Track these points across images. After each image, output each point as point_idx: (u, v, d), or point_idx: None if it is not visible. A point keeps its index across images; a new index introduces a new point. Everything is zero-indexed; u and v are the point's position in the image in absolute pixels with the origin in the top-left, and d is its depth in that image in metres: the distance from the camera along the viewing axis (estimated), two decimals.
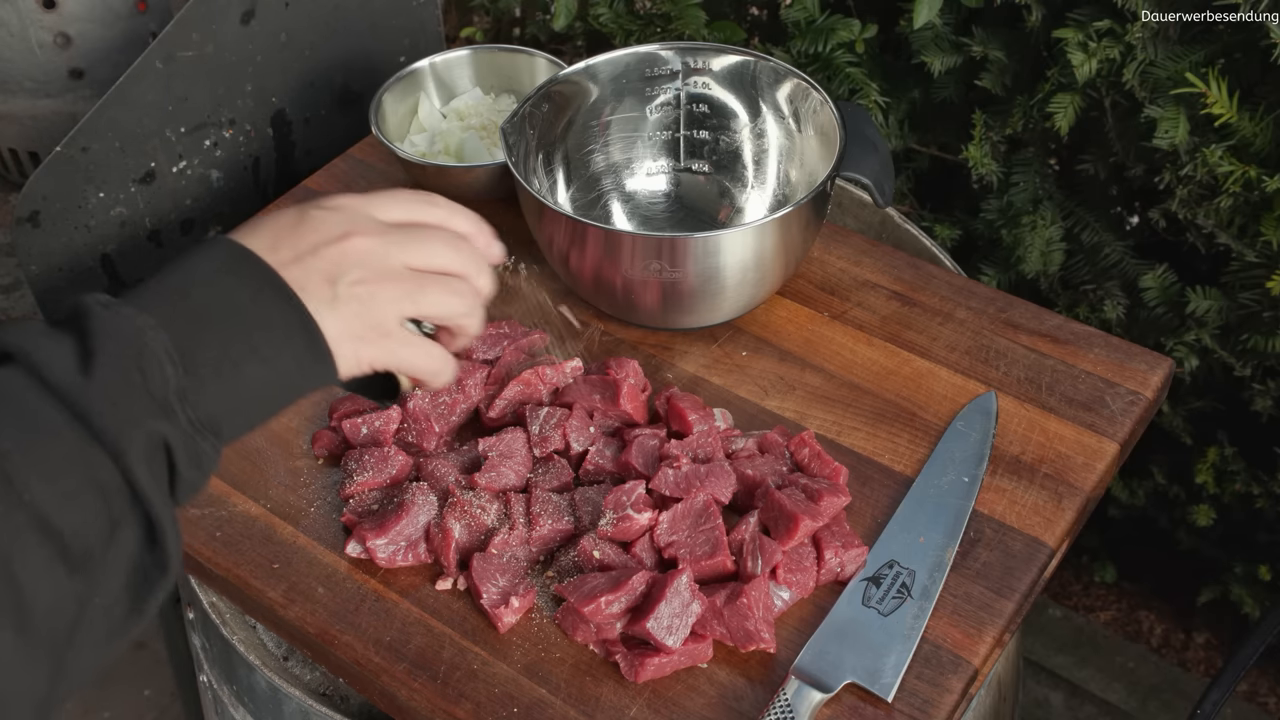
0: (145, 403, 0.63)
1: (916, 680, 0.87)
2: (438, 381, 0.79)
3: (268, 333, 0.68)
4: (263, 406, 0.70)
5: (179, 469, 0.65)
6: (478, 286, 0.79)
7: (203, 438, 0.65)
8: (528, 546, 0.94)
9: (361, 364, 0.73)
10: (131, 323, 0.64)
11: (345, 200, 0.76)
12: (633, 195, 1.23)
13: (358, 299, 0.72)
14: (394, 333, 0.74)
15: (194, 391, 0.65)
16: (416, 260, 0.75)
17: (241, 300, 0.68)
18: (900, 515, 0.96)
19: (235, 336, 0.67)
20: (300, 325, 0.69)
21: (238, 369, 0.67)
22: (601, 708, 0.87)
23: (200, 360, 0.66)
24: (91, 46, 1.41)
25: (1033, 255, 1.42)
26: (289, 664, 1.02)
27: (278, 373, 0.69)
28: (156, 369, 0.64)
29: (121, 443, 0.61)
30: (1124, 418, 1.03)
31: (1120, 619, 1.84)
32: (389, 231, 0.75)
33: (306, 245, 0.72)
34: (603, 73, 1.17)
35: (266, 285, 0.69)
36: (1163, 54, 1.25)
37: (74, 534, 0.59)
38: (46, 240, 1.21)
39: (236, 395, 0.67)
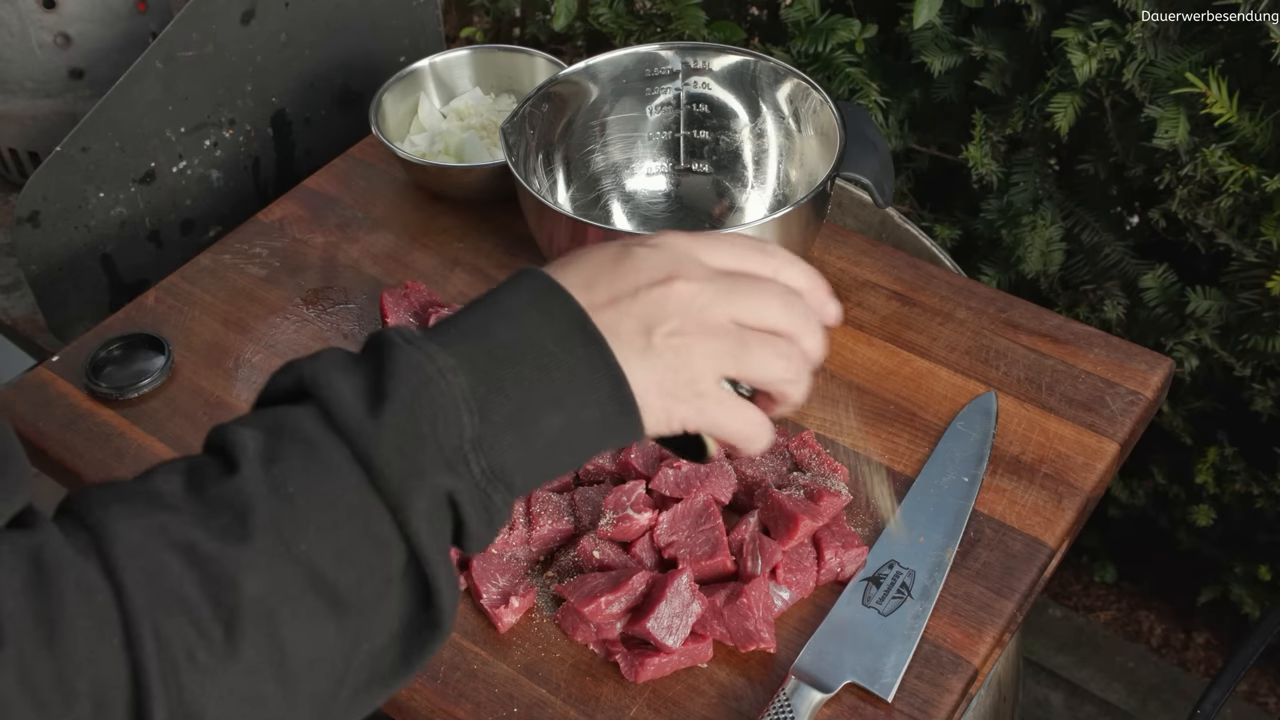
0: (433, 455, 0.59)
1: (916, 680, 0.87)
2: (752, 449, 0.71)
3: (571, 380, 0.63)
4: (560, 458, 0.64)
5: (466, 524, 0.61)
6: (806, 349, 0.71)
7: (494, 490, 0.61)
8: (528, 546, 0.94)
9: (672, 423, 0.67)
10: (432, 364, 0.60)
11: (672, 239, 0.69)
12: (633, 195, 1.23)
13: (674, 351, 0.65)
14: (709, 391, 0.67)
15: (489, 440, 0.61)
16: (744, 314, 0.68)
17: (546, 342, 0.63)
18: (900, 515, 0.96)
19: (537, 383, 0.62)
20: (607, 375, 0.63)
21: (536, 418, 0.62)
22: (601, 708, 0.87)
23: (496, 406, 0.61)
24: (91, 46, 1.41)
25: (1033, 255, 1.42)
26: None
27: (579, 424, 0.63)
28: (452, 417, 0.60)
29: (403, 497, 0.58)
30: (1124, 418, 1.03)
31: (1120, 619, 1.84)
32: (716, 279, 0.68)
33: (625, 286, 0.66)
34: (603, 73, 1.17)
35: (575, 327, 0.64)
36: (1163, 54, 1.25)
37: (347, 589, 0.57)
38: (46, 240, 1.21)
39: (533, 445, 0.62)
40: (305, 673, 0.56)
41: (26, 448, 1.06)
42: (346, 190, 1.28)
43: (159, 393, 1.09)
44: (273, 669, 0.55)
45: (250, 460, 0.57)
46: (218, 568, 0.55)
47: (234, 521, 0.56)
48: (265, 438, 0.58)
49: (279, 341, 1.13)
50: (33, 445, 1.06)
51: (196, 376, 1.10)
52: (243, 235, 1.23)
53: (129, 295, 1.27)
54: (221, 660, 0.54)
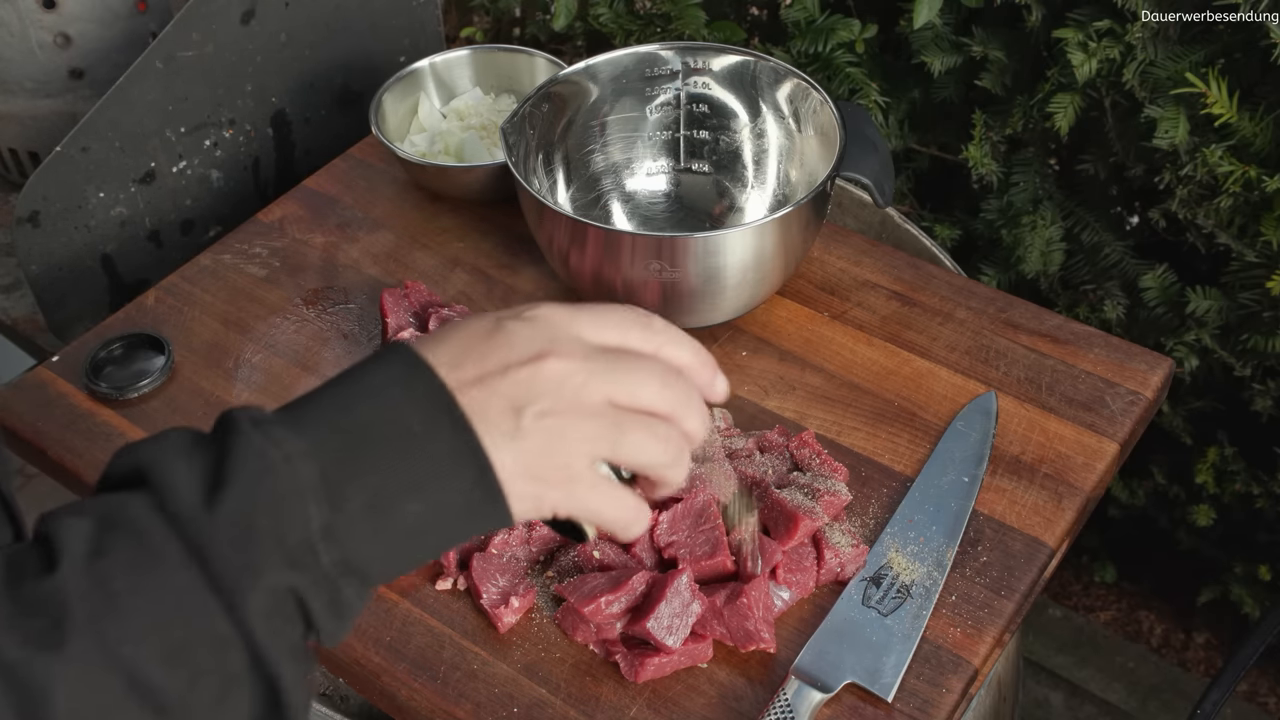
0: (272, 549, 0.56)
1: (916, 680, 0.87)
2: (627, 535, 0.67)
3: (434, 464, 0.59)
4: (421, 546, 0.61)
5: (315, 621, 0.57)
6: (687, 430, 0.67)
7: (346, 582, 0.58)
8: (528, 546, 0.94)
9: (542, 509, 0.64)
10: (278, 450, 0.57)
11: (550, 312, 0.65)
12: (633, 195, 1.23)
13: (544, 433, 0.62)
14: (582, 476, 0.64)
15: (341, 531, 0.57)
16: (620, 394, 0.64)
17: (410, 423, 0.60)
18: (900, 515, 0.96)
19: (396, 469, 0.59)
20: (472, 459, 0.60)
21: (394, 506, 0.59)
22: (601, 708, 0.87)
23: (351, 495, 0.58)
24: (91, 46, 1.41)
25: (1033, 255, 1.42)
26: None
27: (440, 512, 0.60)
28: (296, 508, 0.56)
29: (238, 594, 0.55)
30: (1124, 418, 1.03)
31: (1120, 619, 1.84)
32: (592, 357, 0.64)
33: (494, 364, 0.62)
34: (603, 73, 1.17)
35: (440, 409, 0.60)
36: (1163, 54, 1.25)
37: (177, 693, 0.54)
38: (46, 240, 1.21)
39: (389, 536, 0.59)
40: None
41: (26, 448, 1.07)
42: (346, 190, 1.28)
43: (159, 393, 1.09)
44: None
45: (73, 556, 0.54)
46: (27, 678, 0.51)
47: (48, 624, 0.52)
48: (93, 529, 0.55)
49: (279, 341, 1.13)
50: (33, 445, 1.06)
51: (196, 376, 1.10)
52: (243, 235, 1.23)
53: (129, 295, 1.27)
54: None
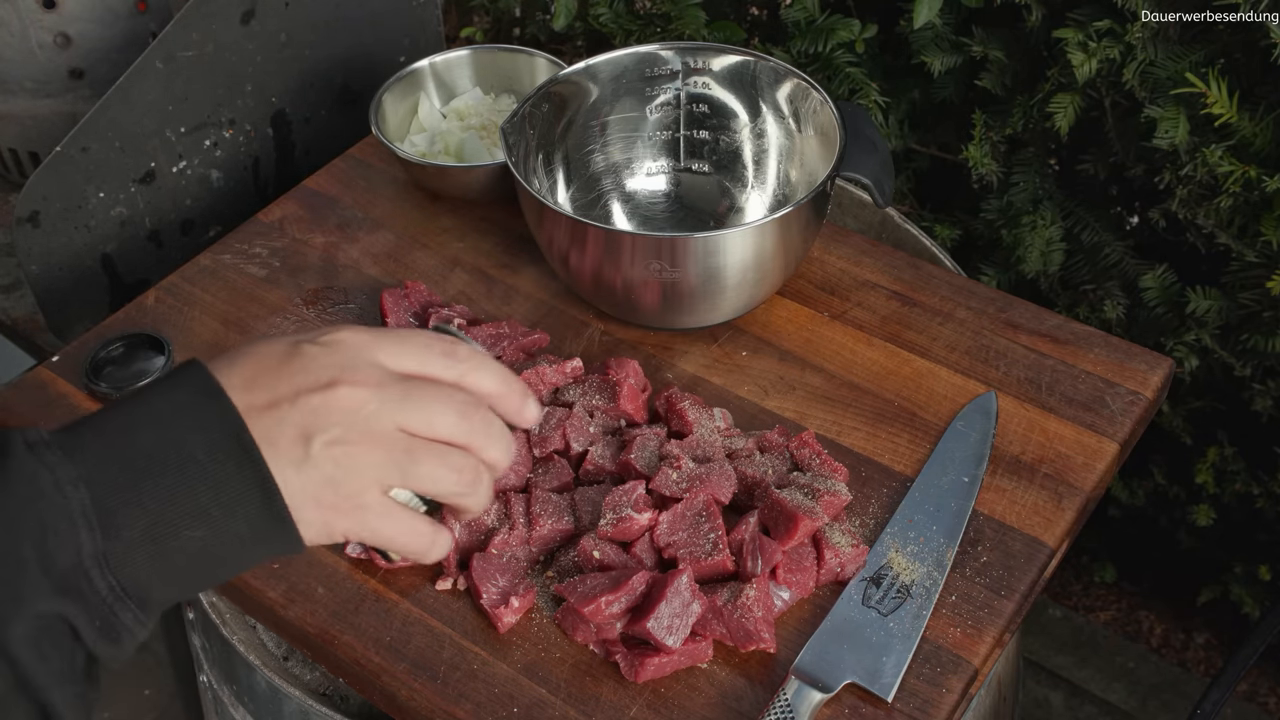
0: (36, 579, 0.55)
1: (916, 680, 0.87)
2: (425, 560, 0.68)
3: (217, 492, 0.59)
4: (204, 573, 0.61)
5: (91, 648, 0.57)
6: (487, 459, 0.67)
7: (123, 608, 0.58)
8: (528, 546, 0.94)
9: (332, 535, 0.64)
10: (50, 475, 0.56)
11: (349, 336, 0.65)
12: (633, 195, 1.23)
13: (333, 461, 0.62)
14: (372, 504, 0.64)
15: (117, 558, 0.57)
16: (413, 423, 0.64)
17: (195, 450, 0.59)
18: (900, 515, 0.96)
19: (177, 494, 0.58)
20: (258, 488, 0.60)
21: (176, 532, 0.58)
22: (601, 708, 0.87)
23: (128, 522, 0.57)
24: (91, 46, 1.41)
25: (1033, 255, 1.42)
26: (289, 664, 1.02)
27: (226, 539, 0.60)
28: (64, 536, 0.56)
29: (1, 623, 0.54)
30: (1124, 418, 1.03)
31: (1120, 619, 1.84)
32: (387, 384, 0.64)
33: (287, 389, 0.62)
34: (603, 73, 1.17)
35: (227, 435, 0.60)
36: (1163, 54, 1.25)
37: None
38: (46, 240, 1.21)
39: (170, 561, 0.59)
40: None
41: None
42: (346, 190, 1.28)
43: None
44: None
45: None
46: None
47: None
48: None
49: None
50: None
51: None
52: (243, 235, 1.23)
53: (129, 295, 1.27)
54: None
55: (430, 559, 0.68)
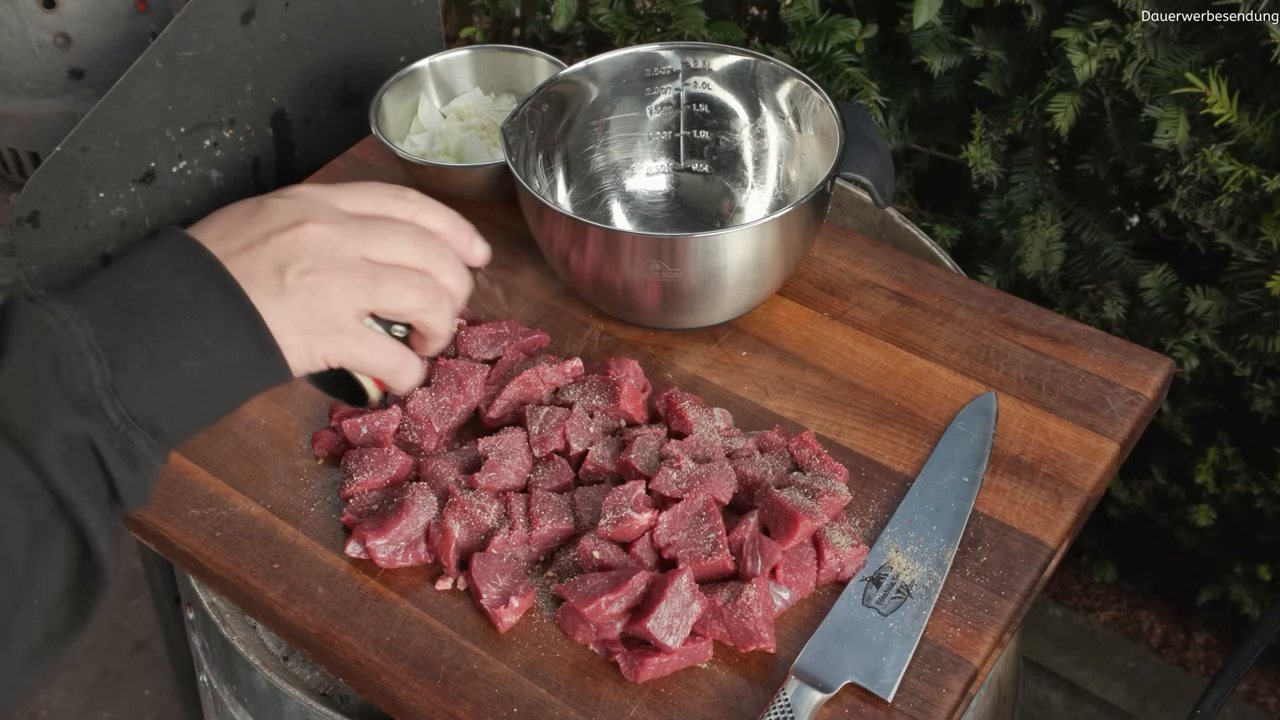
0: (57, 398, 0.61)
1: (916, 680, 0.87)
2: (399, 383, 0.74)
3: (207, 324, 0.65)
4: (208, 403, 0.67)
5: (111, 470, 0.62)
6: (444, 285, 0.75)
7: (136, 434, 0.63)
8: (528, 546, 0.94)
9: (315, 360, 0.70)
10: (53, 316, 0.62)
11: (308, 189, 0.73)
12: (633, 195, 1.23)
13: (308, 289, 0.69)
14: (348, 327, 0.71)
15: (124, 387, 0.63)
16: (374, 252, 0.72)
17: (181, 291, 0.66)
18: (900, 515, 0.96)
19: (170, 329, 0.64)
20: (243, 316, 0.66)
21: (174, 362, 0.64)
22: (601, 708, 0.87)
23: (130, 354, 0.63)
24: (91, 46, 1.41)
25: (1033, 255, 1.42)
26: (289, 664, 1.02)
27: (220, 367, 0.66)
28: (75, 364, 0.61)
29: (31, 441, 0.59)
30: (1124, 418, 1.03)
31: (1120, 619, 1.84)
32: (346, 221, 0.72)
33: (258, 233, 0.69)
34: (603, 73, 1.17)
35: (209, 276, 0.67)
36: (1163, 54, 1.25)
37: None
38: (46, 240, 1.21)
39: (173, 391, 0.64)
40: None
41: None
42: None
43: None
44: None
45: None
46: None
47: None
48: None
49: None
50: None
51: None
52: None
53: None
54: None
55: (403, 381, 0.75)
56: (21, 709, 1.96)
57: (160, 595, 1.50)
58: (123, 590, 2.04)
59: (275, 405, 1.07)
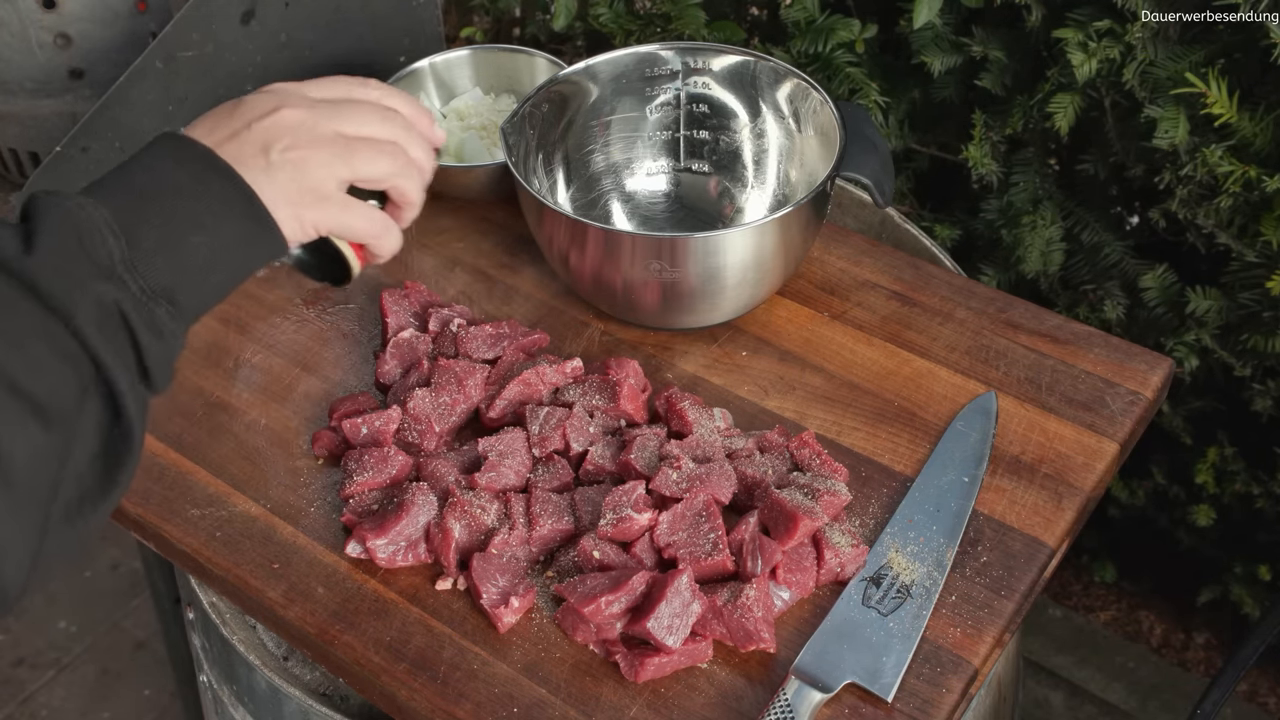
0: (87, 267, 0.67)
1: (916, 680, 0.87)
2: (382, 247, 0.84)
3: (207, 203, 0.73)
4: (217, 275, 0.74)
5: (138, 336, 0.68)
6: (412, 156, 0.84)
7: (156, 304, 0.70)
8: (528, 546, 0.94)
9: (305, 228, 0.78)
10: (71, 200, 0.68)
11: (280, 85, 0.82)
12: (633, 195, 1.23)
13: (291, 164, 0.77)
14: (333, 196, 0.79)
15: (141, 262, 0.69)
16: (347, 128, 0.81)
17: (180, 178, 0.73)
18: (900, 515, 0.96)
19: (175, 210, 0.72)
20: (238, 193, 0.74)
21: (183, 239, 0.71)
22: (601, 708, 0.87)
23: (143, 234, 0.70)
24: (91, 46, 1.41)
25: (1033, 255, 1.42)
26: (289, 664, 1.02)
27: (223, 240, 0.73)
28: (97, 239, 0.68)
29: (69, 306, 0.65)
30: (1124, 418, 1.03)
31: (1120, 619, 1.84)
32: (319, 105, 0.80)
33: (240, 123, 0.78)
34: (603, 73, 1.17)
35: (203, 162, 0.74)
36: (1163, 54, 1.25)
37: (46, 395, 0.63)
38: None
39: (185, 265, 0.71)
40: (24, 474, 0.61)
41: None
42: None
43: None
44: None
45: None
46: None
47: None
48: None
49: (279, 341, 1.13)
50: None
51: (196, 376, 1.10)
52: None
53: None
54: None
55: (385, 245, 0.85)
56: (21, 708, 1.95)
57: (160, 595, 1.50)
58: (123, 590, 2.04)
59: (275, 405, 1.07)
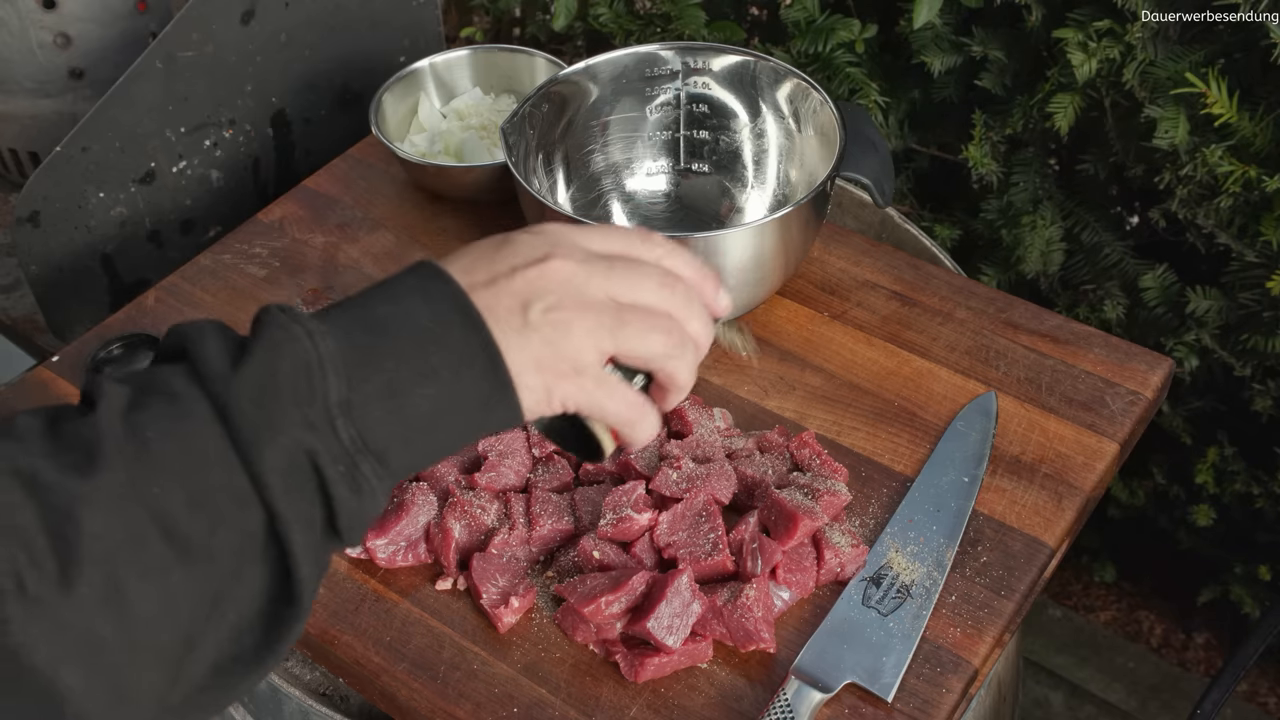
0: (290, 409, 0.59)
1: (916, 680, 0.87)
2: (638, 435, 0.71)
3: (445, 355, 0.63)
4: (437, 437, 0.64)
5: (332, 491, 0.60)
6: (689, 330, 0.71)
7: (364, 459, 0.60)
8: (528, 546, 0.94)
9: (552, 402, 0.67)
10: (300, 326, 0.61)
11: (556, 227, 0.71)
12: (633, 195, 1.23)
13: (551, 326, 0.66)
14: (589, 370, 0.68)
15: (359, 408, 0.60)
16: (620, 292, 0.69)
17: (422, 319, 0.64)
18: (900, 515, 0.96)
19: (411, 356, 0.62)
20: (482, 349, 0.64)
21: (410, 390, 0.62)
22: (601, 708, 0.87)
23: (369, 375, 0.61)
24: (91, 46, 1.41)
25: (1033, 255, 1.42)
26: (289, 664, 1.02)
27: (453, 400, 0.63)
28: (316, 376, 0.60)
29: (257, 448, 0.58)
30: (1124, 418, 1.03)
31: (1120, 619, 1.84)
32: (594, 260, 0.69)
33: (504, 267, 0.67)
34: (603, 73, 1.17)
35: (453, 307, 0.65)
36: (1163, 54, 1.25)
37: (199, 537, 0.56)
38: (46, 240, 1.21)
39: (405, 420, 0.62)
40: (148, 621, 0.55)
41: None
42: (346, 190, 1.28)
43: None
44: (112, 611, 0.54)
45: (110, 405, 0.57)
46: (58, 499, 0.54)
47: (82, 457, 0.55)
48: (132, 391, 0.59)
49: None
50: None
51: None
52: (243, 235, 1.23)
53: (129, 295, 1.26)
54: (55, 593, 0.53)
55: (640, 434, 0.71)
56: None
57: None
58: None
59: None
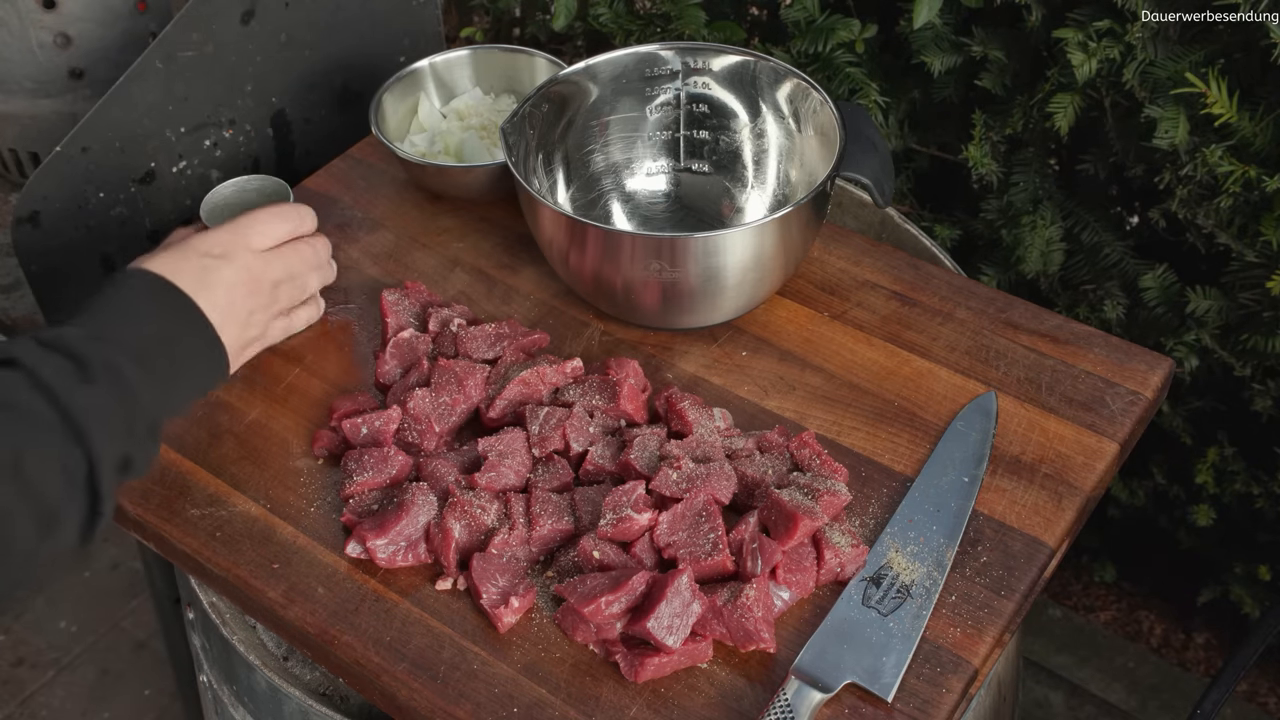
0: (119, 426, 0.84)
1: (916, 680, 0.87)
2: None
3: (194, 362, 0.94)
4: (182, 410, 0.98)
5: (134, 470, 0.87)
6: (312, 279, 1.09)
7: (153, 443, 0.89)
8: (528, 546, 0.94)
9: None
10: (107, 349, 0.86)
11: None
12: (633, 195, 1.23)
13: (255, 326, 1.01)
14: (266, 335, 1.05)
15: (151, 407, 0.87)
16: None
17: (177, 333, 0.93)
18: (900, 515, 0.96)
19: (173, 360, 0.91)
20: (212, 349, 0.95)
21: (175, 384, 0.92)
22: (601, 708, 0.87)
23: (155, 378, 0.88)
24: (91, 46, 1.41)
25: (1033, 255, 1.42)
26: (289, 664, 1.02)
27: (196, 388, 0.96)
28: (133, 402, 0.85)
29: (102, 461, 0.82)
30: (1124, 418, 1.03)
31: (1120, 619, 1.84)
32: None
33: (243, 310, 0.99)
34: (603, 73, 1.17)
35: (199, 327, 0.95)
36: (1163, 54, 1.25)
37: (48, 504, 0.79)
38: (46, 240, 1.21)
39: (170, 404, 0.92)
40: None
41: None
42: (346, 190, 1.28)
43: None
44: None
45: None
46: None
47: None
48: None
49: (279, 341, 1.13)
50: None
51: None
52: None
53: None
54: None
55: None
56: (21, 709, 1.95)
57: (160, 595, 1.50)
58: (123, 590, 2.04)
59: (275, 405, 1.07)
